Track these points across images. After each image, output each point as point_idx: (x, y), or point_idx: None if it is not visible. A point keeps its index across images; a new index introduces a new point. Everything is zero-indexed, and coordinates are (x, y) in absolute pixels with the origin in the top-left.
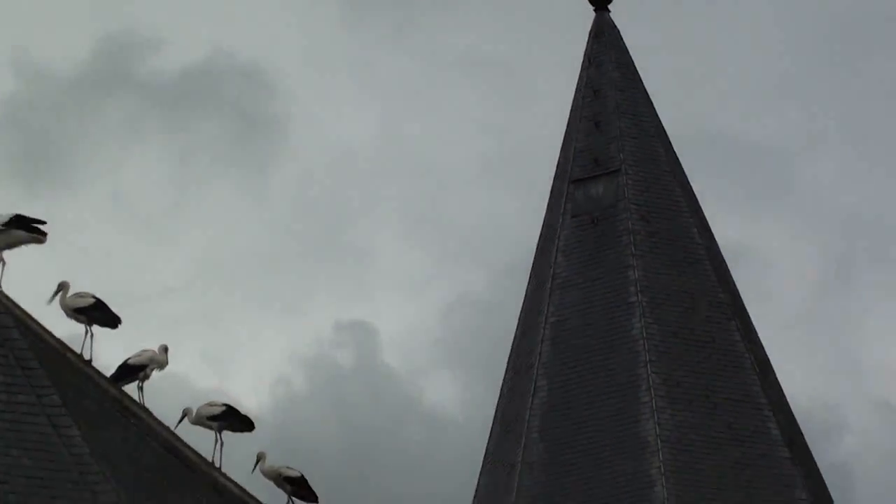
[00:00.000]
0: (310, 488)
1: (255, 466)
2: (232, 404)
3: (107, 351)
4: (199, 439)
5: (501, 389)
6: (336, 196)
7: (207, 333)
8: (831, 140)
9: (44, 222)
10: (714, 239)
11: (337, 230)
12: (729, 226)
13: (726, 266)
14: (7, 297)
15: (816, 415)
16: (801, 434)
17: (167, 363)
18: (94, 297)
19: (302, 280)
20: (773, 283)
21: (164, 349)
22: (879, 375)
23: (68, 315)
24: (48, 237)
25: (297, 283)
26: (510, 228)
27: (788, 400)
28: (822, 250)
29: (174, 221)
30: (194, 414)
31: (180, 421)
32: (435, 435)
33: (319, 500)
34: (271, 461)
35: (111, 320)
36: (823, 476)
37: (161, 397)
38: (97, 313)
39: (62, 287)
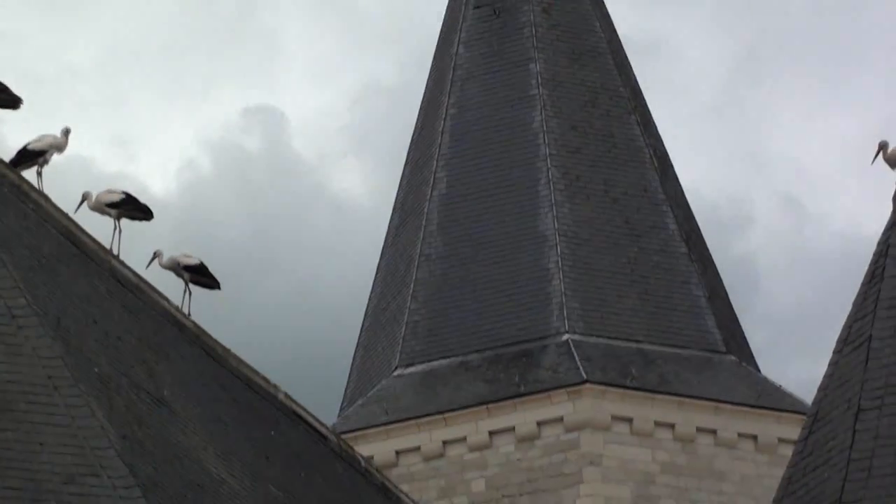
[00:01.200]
0: (209, 274)
1: (148, 264)
2: (131, 192)
3: (12, 134)
4: (99, 226)
5: (401, 181)
6: None
7: (115, 117)
8: None
9: None
10: (616, 32)
11: (246, 15)
12: (640, 18)
13: (628, 60)
14: None
15: (723, 207)
16: (699, 229)
17: (66, 146)
18: None
19: (210, 65)
20: (682, 75)
21: (66, 132)
22: (786, 169)
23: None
24: None
25: (206, 67)
26: (419, 16)
27: (696, 192)
28: (733, 42)
29: (83, 4)
30: (93, 199)
31: (80, 205)
32: (341, 221)
33: (220, 285)
34: (173, 250)
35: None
36: (730, 268)
37: (66, 181)
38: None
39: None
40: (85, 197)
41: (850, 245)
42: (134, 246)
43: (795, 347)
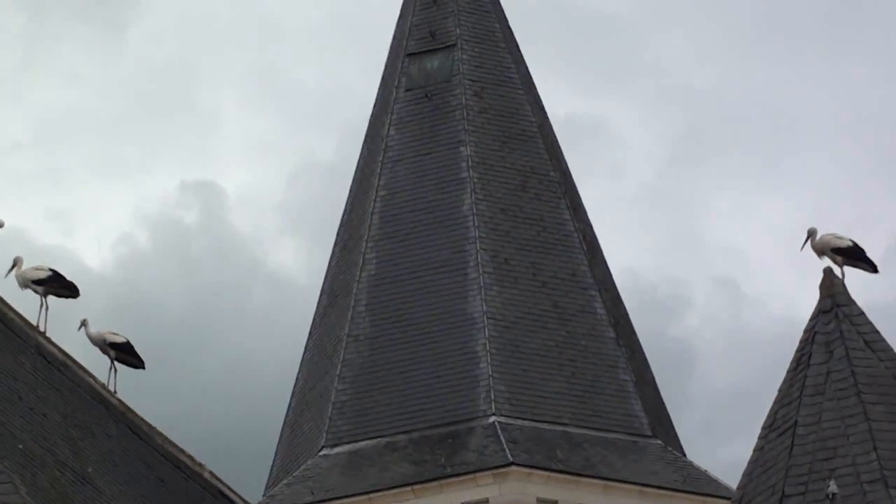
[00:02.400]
0: (135, 354)
1: (78, 328)
2: (60, 268)
3: None
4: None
5: (330, 261)
6: (185, 57)
7: (52, 190)
8: (683, 16)
9: None
10: (547, 117)
11: (185, 89)
12: (577, 101)
13: (558, 144)
14: None
15: (661, 289)
16: (627, 314)
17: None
18: None
19: (149, 139)
20: (622, 157)
21: None
22: (724, 252)
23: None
24: None
25: (144, 141)
26: (356, 92)
27: (634, 274)
28: (671, 125)
29: (24, 77)
30: (21, 272)
31: (10, 270)
32: (278, 297)
33: (145, 365)
34: (105, 323)
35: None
36: (666, 349)
37: (1, 254)
38: None
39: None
40: (16, 262)
41: (786, 329)
42: (64, 321)
43: (729, 430)
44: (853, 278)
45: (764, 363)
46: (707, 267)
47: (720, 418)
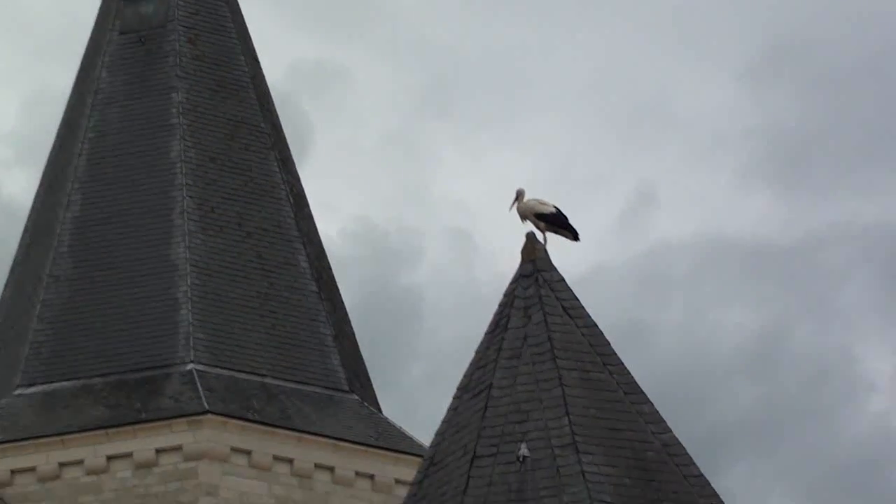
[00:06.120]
0: None
1: None
2: None
3: None
4: None
5: (35, 200)
6: None
7: None
8: None
9: None
10: (261, 68)
11: None
12: (321, 50)
13: (270, 96)
14: None
15: (394, 239)
16: (331, 269)
17: None
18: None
19: None
20: (359, 107)
21: None
22: (458, 205)
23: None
24: None
25: None
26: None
27: (367, 222)
28: (410, 77)
29: None
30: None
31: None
32: (13, 228)
33: None
34: None
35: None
36: (398, 299)
37: None
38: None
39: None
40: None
41: None
42: None
43: (455, 384)
44: (555, 245)
45: (490, 318)
46: (440, 219)
47: (447, 371)
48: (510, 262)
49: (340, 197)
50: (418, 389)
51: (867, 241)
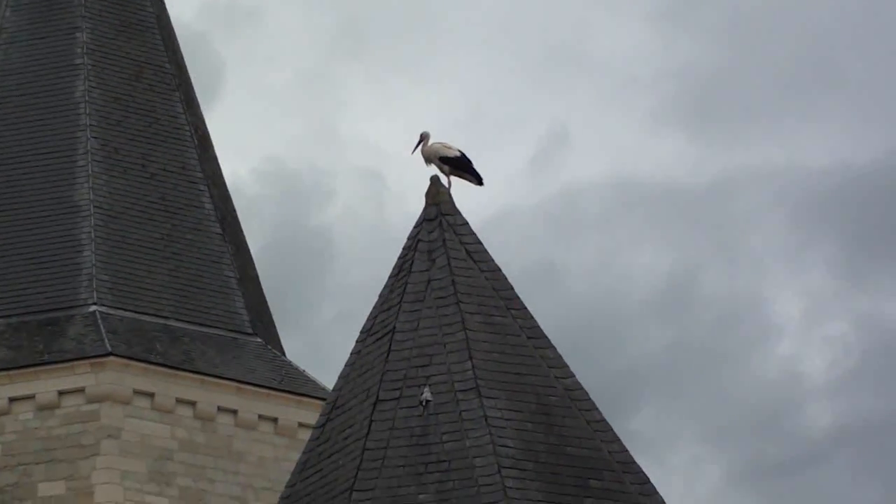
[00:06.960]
0: None
1: None
2: None
3: None
4: None
5: None
6: None
7: None
8: None
9: None
10: (166, 9)
11: None
12: None
13: (175, 37)
14: None
15: (306, 179)
16: (235, 211)
17: None
18: None
19: None
20: (272, 46)
21: None
22: (369, 146)
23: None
24: None
25: None
26: None
27: (279, 161)
28: (327, 20)
29: None
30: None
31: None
32: None
33: None
34: None
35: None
36: (308, 239)
37: None
38: None
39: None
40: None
41: None
42: None
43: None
44: (462, 188)
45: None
46: (351, 159)
47: (357, 312)
48: (420, 205)
49: (251, 137)
50: (329, 330)
51: (778, 184)
